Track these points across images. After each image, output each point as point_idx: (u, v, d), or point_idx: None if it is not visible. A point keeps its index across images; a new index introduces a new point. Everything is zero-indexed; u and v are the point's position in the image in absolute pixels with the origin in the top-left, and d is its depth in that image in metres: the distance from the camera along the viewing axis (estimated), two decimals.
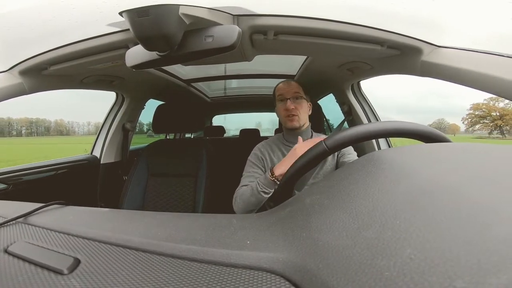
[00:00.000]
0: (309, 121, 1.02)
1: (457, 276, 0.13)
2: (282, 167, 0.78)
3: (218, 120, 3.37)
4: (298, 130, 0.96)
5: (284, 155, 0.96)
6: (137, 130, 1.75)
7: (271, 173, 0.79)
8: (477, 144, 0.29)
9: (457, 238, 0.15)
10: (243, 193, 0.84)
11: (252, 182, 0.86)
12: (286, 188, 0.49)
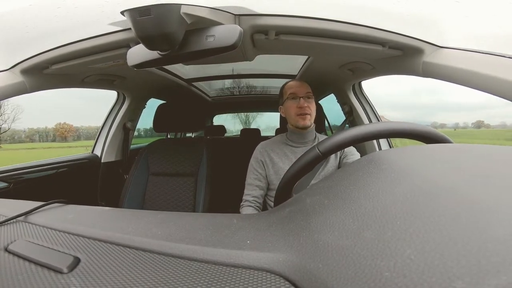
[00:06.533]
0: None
1: (457, 277, 0.13)
2: None
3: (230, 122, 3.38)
4: (305, 130, 0.97)
5: (286, 156, 0.96)
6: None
7: None
8: (477, 145, 0.29)
9: (457, 238, 0.15)
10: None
11: (255, 190, 0.94)
12: (284, 193, 0.51)
